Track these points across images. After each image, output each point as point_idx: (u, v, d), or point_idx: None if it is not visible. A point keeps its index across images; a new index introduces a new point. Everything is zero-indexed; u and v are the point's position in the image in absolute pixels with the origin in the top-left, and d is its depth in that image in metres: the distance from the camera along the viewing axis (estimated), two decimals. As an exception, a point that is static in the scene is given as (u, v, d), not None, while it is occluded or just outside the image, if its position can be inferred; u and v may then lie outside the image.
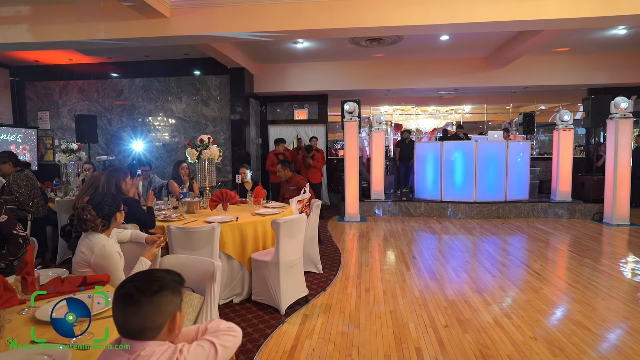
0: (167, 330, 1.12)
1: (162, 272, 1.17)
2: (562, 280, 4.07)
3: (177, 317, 1.13)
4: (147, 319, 1.08)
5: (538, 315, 3.21)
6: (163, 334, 1.12)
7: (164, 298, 1.10)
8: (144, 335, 1.09)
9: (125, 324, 1.08)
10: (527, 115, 8.98)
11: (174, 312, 1.12)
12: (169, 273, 1.17)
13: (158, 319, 1.09)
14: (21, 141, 8.60)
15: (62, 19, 5.69)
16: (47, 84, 9.11)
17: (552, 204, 7.59)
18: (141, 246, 2.52)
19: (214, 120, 8.78)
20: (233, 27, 5.48)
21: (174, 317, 1.13)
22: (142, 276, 1.15)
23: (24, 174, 4.02)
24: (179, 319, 1.14)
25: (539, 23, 5.28)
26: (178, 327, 1.15)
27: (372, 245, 5.63)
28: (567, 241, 5.84)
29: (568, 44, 7.79)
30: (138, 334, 1.08)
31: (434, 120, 12.71)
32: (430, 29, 5.53)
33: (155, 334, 1.10)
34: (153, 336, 1.10)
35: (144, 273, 1.18)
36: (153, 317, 1.08)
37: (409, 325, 3.04)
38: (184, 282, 1.19)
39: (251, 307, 3.38)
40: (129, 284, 1.10)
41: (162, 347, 1.09)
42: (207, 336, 1.21)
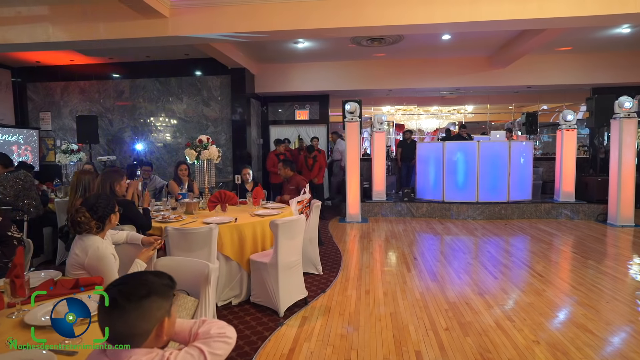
0: (155, 336, 1.08)
1: (151, 275, 1.13)
2: (565, 283, 4.01)
3: (165, 322, 1.09)
4: (132, 325, 1.03)
5: (541, 318, 3.15)
6: (150, 341, 1.07)
7: (152, 303, 1.05)
8: (130, 342, 1.04)
9: (111, 330, 1.04)
10: (530, 115, 8.91)
11: (162, 318, 1.08)
12: (159, 276, 1.13)
13: (145, 325, 1.05)
14: (23, 142, 8.61)
15: (62, 20, 5.69)
16: (48, 84, 9.12)
17: (556, 205, 7.52)
18: (137, 248, 2.49)
19: (215, 121, 8.76)
20: (233, 27, 5.46)
21: (162, 322, 1.08)
22: (129, 280, 1.11)
23: (14, 174, 4.02)
24: (167, 325, 1.10)
25: (541, 22, 5.22)
26: (167, 333, 1.11)
27: (373, 246, 5.59)
28: (570, 242, 5.77)
29: (571, 43, 7.72)
30: (123, 339, 1.04)
31: (436, 121, 12.65)
32: (432, 28, 5.49)
33: (141, 340, 1.06)
34: (139, 343, 1.05)
35: (131, 276, 1.13)
36: (139, 323, 1.04)
37: (409, 328, 3.00)
38: (175, 285, 1.15)
39: (250, 309, 3.34)
40: (114, 288, 1.06)
41: (150, 356, 1.05)
42: (197, 342, 1.15)
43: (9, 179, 3.97)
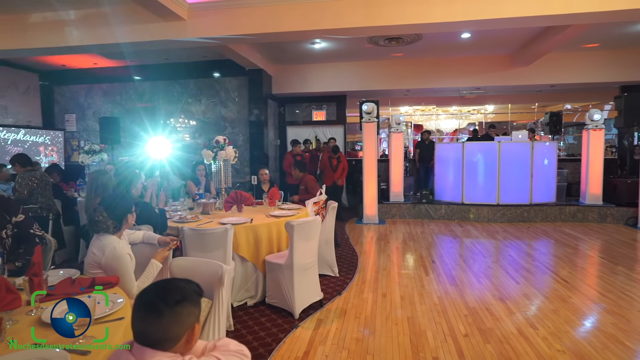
0: (185, 341, 1.10)
1: (182, 281, 1.16)
2: (592, 289, 3.84)
3: (195, 328, 1.12)
4: (167, 329, 1.05)
5: (566, 326, 3.02)
6: (180, 345, 1.09)
7: (184, 309, 1.08)
8: (162, 346, 1.06)
9: (144, 333, 1.06)
10: (553, 115, 8.63)
11: (193, 324, 1.11)
12: (188, 283, 1.16)
13: (178, 330, 1.07)
14: (49, 143, 8.90)
15: (85, 23, 5.84)
16: (73, 87, 9.40)
17: (582, 208, 7.24)
18: (154, 247, 2.51)
19: (233, 122, 8.83)
20: (249, 28, 5.47)
21: (192, 328, 1.11)
22: (163, 285, 1.14)
23: (30, 174, 4.17)
24: (197, 330, 1.12)
25: (567, 17, 5.03)
26: (195, 339, 1.13)
27: (390, 248, 5.51)
28: (597, 247, 5.54)
29: (598, 39, 7.42)
30: (156, 343, 1.06)
31: (455, 121, 12.43)
32: (451, 26, 5.37)
33: (173, 344, 1.08)
34: (171, 347, 1.07)
35: (165, 282, 1.16)
36: (173, 328, 1.06)
37: (426, 334, 2.92)
38: (202, 292, 1.18)
39: (265, 310, 3.33)
40: (151, 292, 1.09)
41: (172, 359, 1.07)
42: (215, 352, 1.18)
43: (25, 177, 4.13)
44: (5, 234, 2.29)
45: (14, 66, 8.58)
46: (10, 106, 8.59)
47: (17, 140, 8.24)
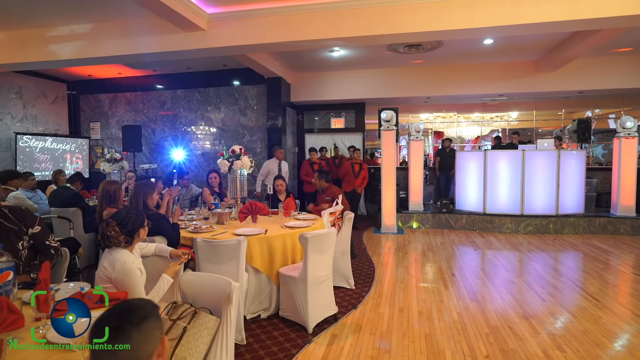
0: (156, 357, 1.05)
1: (138, 300, 1.12)
2: (625, 309, 3.60)
3: (164, 341, 1.07)
4: (137, 350, 0.99)
5: (597, 350, 2.83)
6: None
7: (150, 324, 1.03)
8: None
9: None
10: (582, 122, 8.26)
11: (161, 337, 1.06)
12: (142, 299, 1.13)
13: (148, 348, 1.02)
14: (75, 150, 9.19)
15: (111, 35, 6.02)
16: (98, 96, 9.71)
17: (613, 220, 6.89)
18: (166, 260, 2.49)
19: (252, 130, 8.89)
20: (268, 37, 5.50)
21: (162, 341, 1.06)
22: (121, 307, 1.07)
23: None
24: (166, 343, 1.08)
25: (596, 22, 4.81)
26: (165, 352, 1.08)
27: (408, 259, 5.36)
28: (630, 262, 5.23)
29: (631, 43, 7.09)
30: None
31: (477, 128, 12.13)
32: (473, 32, 5.22)
33: None
34: None
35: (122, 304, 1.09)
36: (143, 347, 1.00)
37: (445, 353, 2.79)
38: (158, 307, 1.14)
39: (278, 324, 3.27)
40: (112, 317, 1.01)
41: None
42: None
43: None
44: (21, 246, 2.32)
45: (43, 77, 8.95)
46: (39, 115, 8.94)
47: (44, 148, 8.54)
